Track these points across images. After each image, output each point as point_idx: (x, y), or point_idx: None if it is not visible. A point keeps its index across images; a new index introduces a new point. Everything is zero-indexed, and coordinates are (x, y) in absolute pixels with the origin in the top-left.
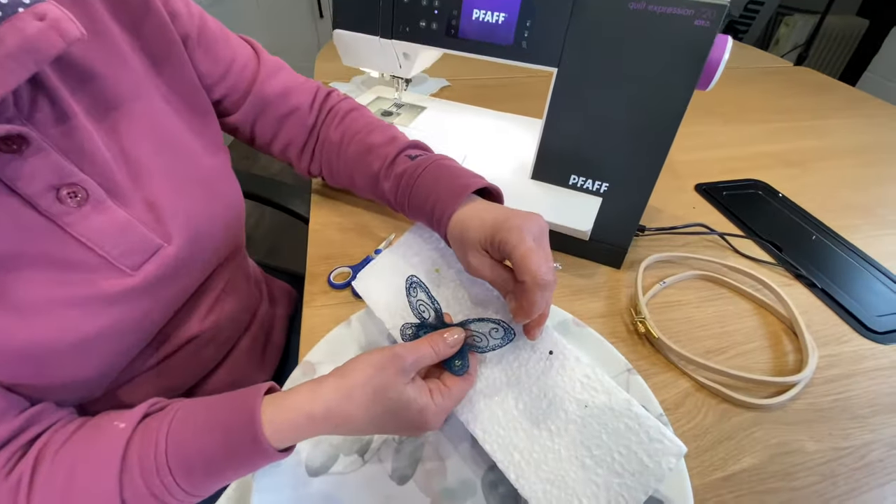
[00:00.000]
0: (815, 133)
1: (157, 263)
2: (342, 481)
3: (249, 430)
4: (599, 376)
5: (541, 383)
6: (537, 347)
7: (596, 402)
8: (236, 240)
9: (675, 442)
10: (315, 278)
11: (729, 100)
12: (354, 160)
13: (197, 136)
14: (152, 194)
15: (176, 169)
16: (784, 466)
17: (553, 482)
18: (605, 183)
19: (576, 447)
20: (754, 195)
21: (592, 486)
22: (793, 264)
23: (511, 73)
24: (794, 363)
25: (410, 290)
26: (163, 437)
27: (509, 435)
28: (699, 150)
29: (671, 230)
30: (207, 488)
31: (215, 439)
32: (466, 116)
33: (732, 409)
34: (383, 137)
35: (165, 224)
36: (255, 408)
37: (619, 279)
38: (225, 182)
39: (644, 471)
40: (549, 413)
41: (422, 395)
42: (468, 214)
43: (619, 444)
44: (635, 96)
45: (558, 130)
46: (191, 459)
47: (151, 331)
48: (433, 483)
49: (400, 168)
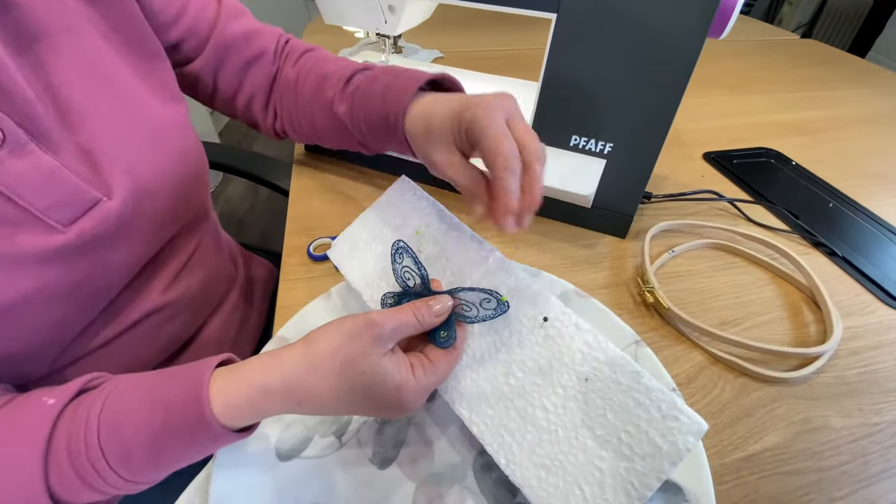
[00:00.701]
0: (826, 103)
1: (96, 219)
2: (316, 465)
3: (195, 406)
4: (602, 345)
5: (535, 355)
6: (529, 313)
7: (599, 374)
8: (198, 203)
9: (694, 418)
10: (294, 251)
11: (734, 71)
12: (311, 95)
13: (143, 81)
14: (88, 141)
15: (117, 114)
16: (810, 445)
17: (549, 468)
18: (610, 143)
19: (576, 427)
20: (766, 163)
21: (595, 471)
22: (811, 232)
23: (507, 45)
24: (817, 334)
25: (396, 256)
26: (95, 415)
27: (499, 414)
28: (706, 120)
29: (680, 197)
30: (151, 475)
31: (155, 416)
32: (461, 79)
33: (751, 384)
34: (337, 66)
35: (103, 175)
36: (202, 380)
37: (624, 249)
38: (179, 135)
39: (657, 453)
40: (544, 388)
41: (401, 370)
42: (429, 105)
43: (627, 422)
44: (642, 44)
45: (558, 85)
46: (127, 440)
47: (98, 299)
48: (419, 467)
49: (353, 86)
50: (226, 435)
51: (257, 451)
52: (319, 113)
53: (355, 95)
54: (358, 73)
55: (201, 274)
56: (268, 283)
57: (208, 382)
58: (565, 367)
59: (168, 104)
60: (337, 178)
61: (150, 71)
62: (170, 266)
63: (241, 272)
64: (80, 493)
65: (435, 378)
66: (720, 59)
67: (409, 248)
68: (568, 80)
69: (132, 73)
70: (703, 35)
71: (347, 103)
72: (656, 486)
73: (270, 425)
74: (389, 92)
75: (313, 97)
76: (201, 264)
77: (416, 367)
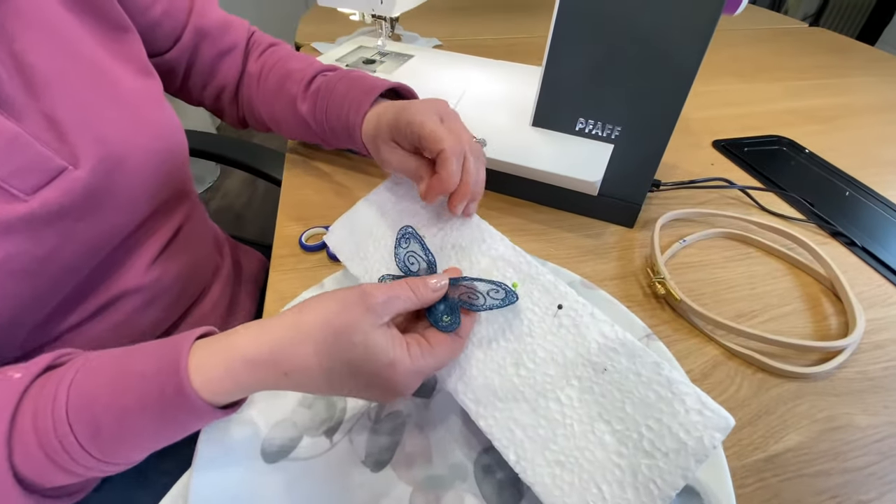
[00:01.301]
0: (837, 91)
1: (61, 189)
2: (305, 468)
3: (172, 377)
4: (620, 335)
5: (548, 344)
6: (541, 302)
7: (616, 365)
8: (176, 181)
9: (720, 412)
10: (285, 241)
11: (743, 59)
12: (274, 91)
13: (111, 54)
14: (53, 108)
15: (84, 83)
16: (834, 444)
17: (564, 465)
18: (618, 126)
19: (592, 421)
20: (778, 151)
21: (615, 469)
22: (828, 221)
23: (507, 33)
24: (838, 327)
25: (402, 240)
26: (64, 389)
27: (509, 407)
28: (715, 108)
29: (690, 184)
30: (127, 454)
31: (129, 389)
32: (459, 63)
33: (770, 380)
34: (301, 64)
35: (70, 143)
36: (181, 350)
37: (632, 239)
38: (152, 108)
39: (681, 449)
40: (557, 380)
41: (395, 345)
42: (379, 112)
43: (648, 416)
44: (654, 19)
45: (564, 65)
46: (98, 415)
47: (67, 276)
48: (415, 469)
49: (315, 87)
50: (207, 411)
51: (241, 453)
52: (282, 108)
53: (318, 97)
54: (319, 76)
55: (185, 258)
56: (259, 275)
57: (188, 353)
58: (580, 358)
59: (139, 77)
60: (330, 168)
61: (117, 44)
62: (147, 248)
63: (228, 261)
64: (48, 473)
65: (433, 361)
66: (728, 47)
67: (416, 234)
68: (574, 58)
69: (98, 45)
70: (717, 10)
71: (310, 103)
72: (681, 485)
73: (257, 423)
74: (347, 100)
75: (276, 93)
76: (184, 250)
77: (412, 346)
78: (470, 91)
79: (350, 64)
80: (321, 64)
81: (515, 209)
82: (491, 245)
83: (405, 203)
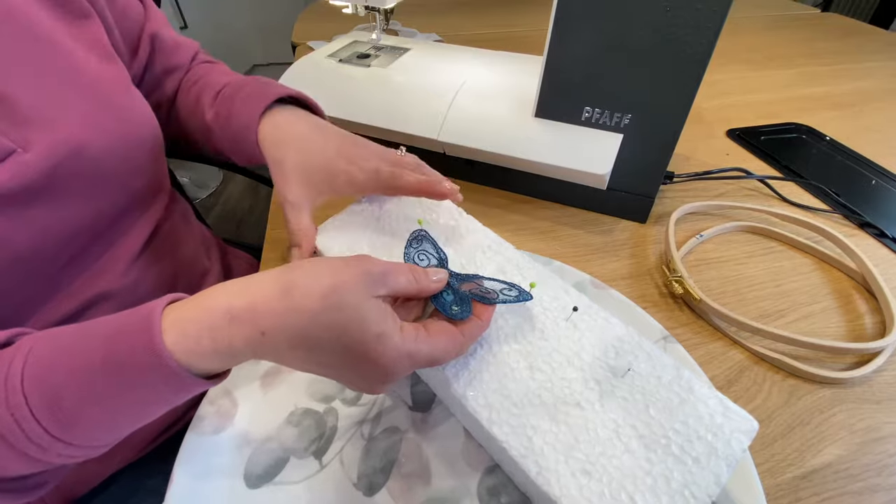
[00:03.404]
0: (855, 76)
1: (10, 171)
2: (291, 493)
3: (142, 334)
4: (636, 339)
5: (563, 348)
6: (553, 305)
7: (636, 369)
8: (151, 172)
9: (742, 414)
10: (275, 244)
11: (756, 46)
12: (193, 102)
13: (73, 40)
14: (6, 90)
15: (45, 66)
16: (878, 457)
17: (591, 474)
18: (628, 114)
19: (617, 426)
20: (797, 139)
21: (646, 477)
22: (856, 211)
23: (506, 27)
24: (874, 327)
25: (414, 241)
26: (21, 358)
27: (525, 413)
28: (728, 96)
29: (705, 175)
30: (86, 431)
31: (93, 352)
32: (457, 55)
33: (802, 386)
34: (220, 75)
35: (21, 125)
36: (153, 308)
37: (644, 235)
38: (118, 93)
39: (711, 453)
40: (575, 384)
41: (386, 319)
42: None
43: (674, 419)
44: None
45: (568, 49)
46: (57, 383)
47: (38, 269)
48: (413, 492)
49: (223, 92)
50: (182, 375)
51: (221, 476)
52: (195, 123)
53: (218, 101)
54: (233, 81)
55: (166, 261)
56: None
57: (161, 310)
58: (598, 362)
59: (105, 63)
60: None
61: (78, 29)
62: (124, 246)
63: (218, 266)
64: (1, 458)
65: (426, 349)
66: (739, 33)
67: (429, 236)
68: (579, 41)
69: (58, 29)
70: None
71: (214, 111)
72: (716, 493)
73: (239, 442)
74: (238, 109)
75: (193, 107)
76: (165, 250)
77: (406, 328)
78: (469, 83)
79: (344, 59)
80: (243, 77)
81: (518, 206)
82: (498, 251)
83: (403, 205)
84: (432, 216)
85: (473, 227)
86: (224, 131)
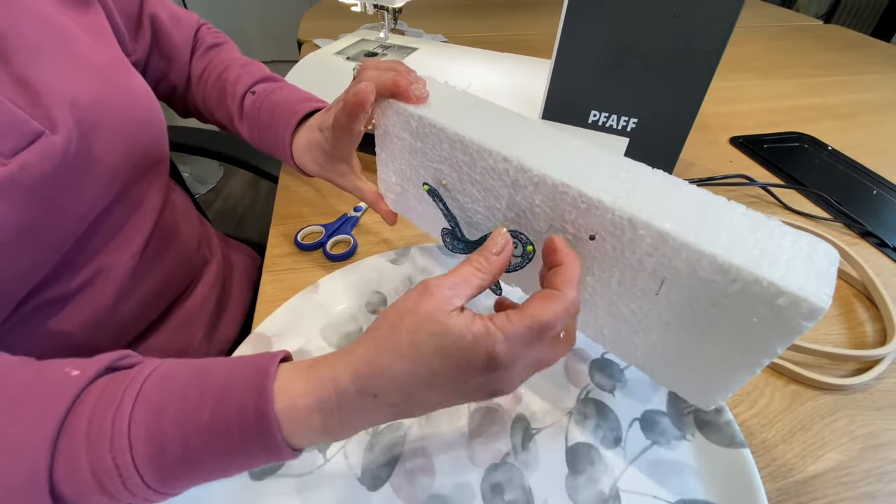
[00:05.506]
0: (857, 87)
1: (40, 153)
2: (295, 486)
3: (255, 399)
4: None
5: (599, 265)
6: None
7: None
8: (153, 150)
9: None
10: (280, 240)
11: (760, 55)
12: (216, 102)
13: (78, 26)
14: (24, 71)
15: (55, 50)
16: (878, 463)
17: (655, 353)
18: (634, 118)
19: (669, 327)
20: (799, 148)
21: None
22: (857, 220)
23: (513, 29)
24: (875, 334)
25: (432, 198)
26: (130, 397)
27: (584, 317)
28: (732, 103)
29: (709, 181)
30: (180, 487)
31: (203, 406)
32: (464, 56)
33: (804, 392)
34: (235, 75)
35: (45, 107)
36: (267, 371)
37: None
38: (124, 76)
39: (775, 318)
40: (622, 294)
41: (474, 321)
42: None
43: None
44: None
45: (576, 53)
46: (163, 433)
47: (50, 249)
48: (416, 487)
49: (247, 109)
50: (279, 446)
51: None
52: (225, 120)
53: (250, 120)
54: (248, 92)
55: (168, 245)
56: (252, 273)
57: (274, 374)
58: (632, 270)
59: (107, 48)
60: None
61: (82, 17)
62: (132, 222)
63: (218, 257)
64: (89, 495)
65: (523, 322)
66: (743, 43)
67: (436, 192)
68: (587, 45)
69: (63, 14)
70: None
71: (247, 127)
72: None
73: None
74: (274, 130)
75: (217, 104)
76: (168, 237)
77: (495, 317)
78: (475, 84)
79: (351, 57)
80: (250, 76)
81: None
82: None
83: (425, 164)
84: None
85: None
86: (261, 146)
